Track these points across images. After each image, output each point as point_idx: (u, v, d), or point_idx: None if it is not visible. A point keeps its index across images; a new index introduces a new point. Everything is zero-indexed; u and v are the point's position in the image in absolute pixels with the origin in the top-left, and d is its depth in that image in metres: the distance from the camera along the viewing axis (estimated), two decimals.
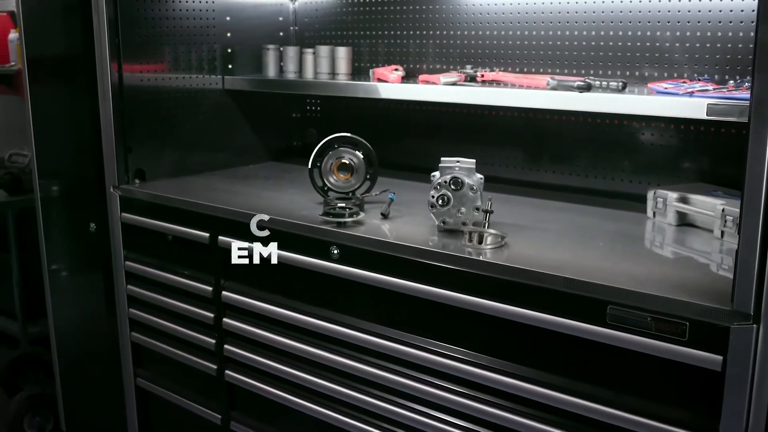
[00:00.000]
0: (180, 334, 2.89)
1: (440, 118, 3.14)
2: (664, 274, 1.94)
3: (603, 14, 2.67)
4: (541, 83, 2.51)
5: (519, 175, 2.98)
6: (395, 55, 3.28)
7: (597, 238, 2.28)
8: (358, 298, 2.36)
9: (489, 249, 2.16)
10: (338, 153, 2.71)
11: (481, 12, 2.97)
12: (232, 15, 3.34)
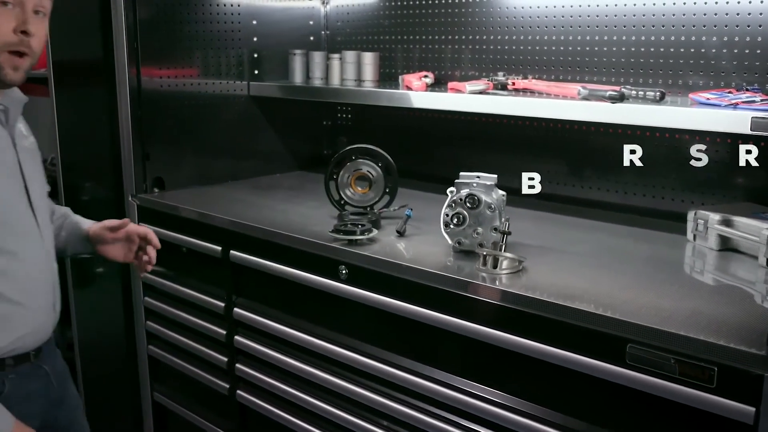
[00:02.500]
0: (194, 350, 2.79)
1: (472, 127, 2.97)
2: (696, 308, 1.73)
3: (644, 18, 2.46)
4: (572, 92, 2.32)
5: (551, 190, 2.77)
6: (429, 60, 3.12)
7: (626, 263, 2.08)
8: (366, 320, 2.21)
9: (504, 274, 1.98)
10: (356, 165, 2.56)
11: (515, 16, 2.79)
12: (259, 19, 3.23)
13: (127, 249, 2.17)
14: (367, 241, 2.28)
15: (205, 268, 2.68)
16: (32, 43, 1.70)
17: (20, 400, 1.84)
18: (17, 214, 1.81)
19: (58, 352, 2.10)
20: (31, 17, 1.68)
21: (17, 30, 1.66)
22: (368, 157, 2.56)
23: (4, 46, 1.66)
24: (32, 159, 1.91)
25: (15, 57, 1.69)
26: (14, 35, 1.66)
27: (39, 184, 1.93)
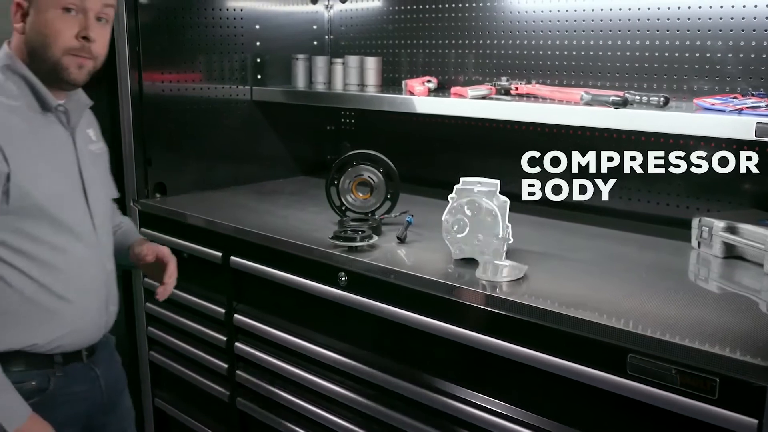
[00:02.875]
0: (195, 357, 2.77)
1: (476, 132, 2.93)
2: (699, 317, 1.70)
3: (648, 22, 2.43)
4: (575, 97, 2.29)
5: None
6: (433, 65, 3.09)
7: (629, 271, 2.05)
8: (366, 328, 2.19)
9: (505, 282, 1.95)
10: (357, 170, 2.54)
11: (519, 20, 2.76)
12: (262, 23, 3.21)
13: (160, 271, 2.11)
14: (367, 247, 2.26)
15: (206, 274, 2.66)
16: (93, 48, 1.76)
17: (65, 401, 1.85)
18: (71, 212, 1.83)
19: (117, 359, 2.11)
20: (93, 24, 1.75)
21: (79, 35, 1.73)
22: (369, 163, 2.54)
23: (67, 50, 1.73)
24: (96, 163, 1.94)
25: (78, 58, 1.75)
26: (76, 40, 1.73)
27: (101, 188, 1.94)
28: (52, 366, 1.83)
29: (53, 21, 1.72)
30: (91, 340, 1.92)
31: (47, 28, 1.72)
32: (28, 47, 1.75)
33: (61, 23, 1.72)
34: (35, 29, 1.73)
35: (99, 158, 1.97)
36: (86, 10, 1.73)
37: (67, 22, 1.72)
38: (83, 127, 1.92)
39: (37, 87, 1.77)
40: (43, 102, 1.78)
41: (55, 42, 1.72)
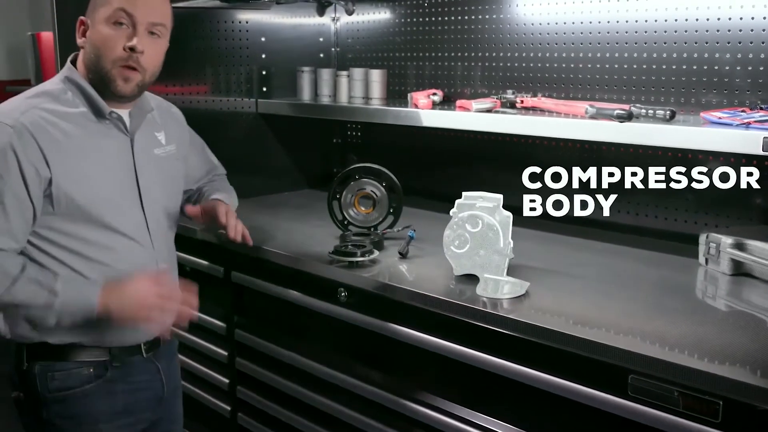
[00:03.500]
0: (196, 371, 2.75)
1: (482, 145, 2.89)
2: (703, 337, 1.66)
3: (656, 34, 2.39)
4: (579, 111, 2.26)
5: None
6: (440, 78, 3.06)
7: (633, 288, 2.00)
8: (365, 344, 2.17)
9: (506, 299, 1.91)
10: (360, 184, 2.51)
11: (525, 33, 2.72)
12: (267, 36, 3.20)
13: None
14: (369, 262, 2.23)
15: (208, 288, 2.62)
16: (141, 60, 1.81)
17: (125, 389, 1.91)
18: (121, 215, 1.87)
19: (177, 361, 2.15)
20: (143, 36, 1.81)
21: (126, 47, 1.79)
22: (372, 177, 2.51)
23: (115, 61, 1.79)
24: (160, 166, 1.98)
25: (126, 69, 1.81)
26: (123, 51, 1.79)
27: (161, 191, 1.97)
28: (110, 357, 1.88)
29: (105, 34, 1.79)
30: (147, 337, 1.94)
31: (99, 40, 1.80)
32: (86, 60, 1.83)
33: (111, 35, 1.79)
34: (91, 43, 1.82)
35: (164, 161, 2.01)
36: (136, 24, 1.80)
37: (117, 34, 1.79)
38: (150, 130, 1.98)
39: (91, 95, 1.83)
40: (97, 110, 1.84)
41: (105, 53, 1.79)
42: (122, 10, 1.79)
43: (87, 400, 1.86)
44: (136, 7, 1.80)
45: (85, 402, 1.86)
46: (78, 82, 1.84)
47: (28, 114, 1.75)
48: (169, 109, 2.15)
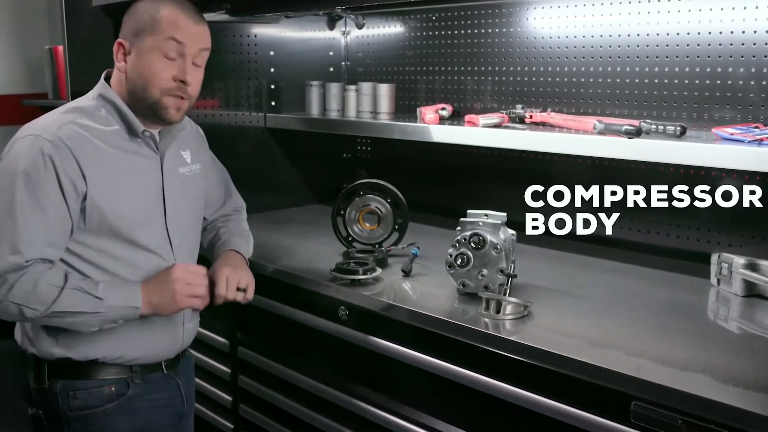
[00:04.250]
0: (200, 388, 2.70)
1: (491, 161, 2.84)
2: (710, 362, 1.60)
3: (668, 48, 2.33)
4: (588, 126, 2.20)
5: None
6: (450, 92, 3.01)
7: (640, 309, 1.94)
8: (368, 364, 2.12)
9: (508, 319, 1.86)
10: (364, 200, 2.48)
11: (535, 46, 2.68)
12: (276, 49, 3.18)
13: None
14: (372, 280, 2.19)
15: (210, 304, 2.60)
16: (189, 90, 1.85)
17: (146, 406, 1.91)
18: (146, 232, 1.88)
19: (194, 381, 2.16)
20: (190, 68, 1.84)
21: (177, 78, 1.82)
22: (377, 193, 2.47)
23: (165, 91, 1.82)
24: (186, 184, 2.00)
25: (178, 99, 1.84)
26: (173, 82, 1.82)
27: (185, 209, 1.98)
28: (131, 374, 1.88)
29: (155, 65, 1.81)
30: (169, 355, 1.97)
31: (149, 70, 1.81)
32: (129, 85, 1.84)
33: (161, 67, 1.81)
34: (137, 70, 1.83)
35: (190, 180, 2.02)
36: (185, 54, 1.83)
37: (167, 66, 1.82)
38: (177, 149, 1.99)
39: (126, 114, 1.85)
40: (131, 128, 1.86)
41: (154, 84, 1.81)
42: (173, 39, 1.81)
43: (109, 419, 1.87)
44: (186, 36, 1.83)
45: (107, 421, 1.87)
46: (113, 101, 1.85)
47: (65, 129, 1.77)
48: (196, 128, 2.17)
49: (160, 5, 1.84)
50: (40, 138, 1.74)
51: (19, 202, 1.72)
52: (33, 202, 1.72)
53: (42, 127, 1.78)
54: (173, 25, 1.82)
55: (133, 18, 1.85)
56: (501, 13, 2.77)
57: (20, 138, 1.78)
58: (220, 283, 1.97)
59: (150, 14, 1.83)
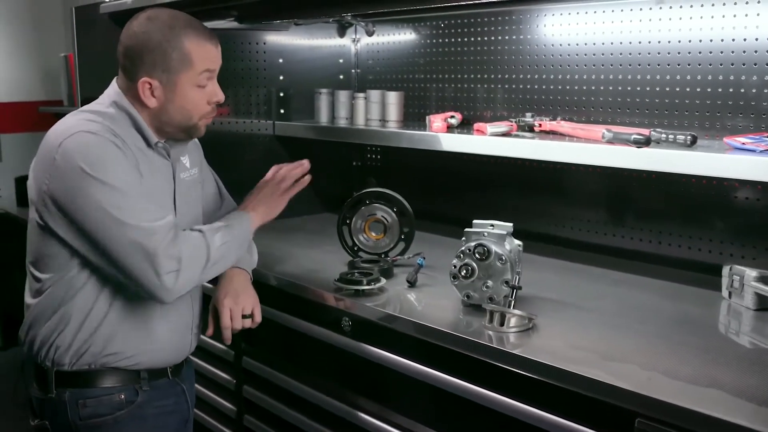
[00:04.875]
0: (205, 397, 2.69)
1: (502, 169, 2.81)
2: (718, 378, 1.55)
3: (679, 56, 2.29)
4: (596, 135, 2.16)
5: (581, 237, 2.60)
6: (461, 100, 2.98)
7: (648, 323, 1.90)
8: (371, 376, 2.08)
9: (512, 332, 1.82)
10: (370, 209, 2.45)
11: (545, 54, 2.64)
12: (285, 57, 3.16)
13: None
14: (377, 291, 2.16)
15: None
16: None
17: (154, 413, 1.91)
18: None
19: (194, 386, 2.15)
20: (219, 87, 1.92)
21: (211, 102, 1.89)
22: (383, 202, 2.44)
23: (203, 116, 1.90)
24: (189, 190, 2.03)
25: (207, 118, 1.92)
26: (209, 106, 1.90)
27: (189, 214, 2.00)
28: (139, 381, 1.88)
29: (194, 98, 1.85)
30: (176, 360, 1.98)
31: (189, 104, 1.85)
32: (163, 117, 1.86)
33: (200, 98, 1.86)
34: (175, 106, 1.85)
35: (190, 185, 2.04)
36: (215, 78, 1.90)
37: (203, 95, 1.87)
38: (179, 155, 2.00)
39: (141, 127, 1.86)
40: (146, 139, 1.87)
41: (195, 114, 1.87)
42: (207, 71, 1.85)
43: (119, 427, 1.86)
44: (214, 61, 1.88)
45: (117, 428, 1.86)
46: (129, 112, 1.85)
47: (94, 125, 1.77)
48: None
49: (182, 37, 1.81)
50: (85, 133, 1.74)
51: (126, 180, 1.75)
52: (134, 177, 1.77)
53: (76, 125, 1.76)
54: (204, 58, 1.84)
55: (155, 55, 1.79)
56: (512, 20, 2.74)
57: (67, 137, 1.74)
58: (224, 316, 1.99)
59: (177, 51, 1.80)
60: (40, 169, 1.77)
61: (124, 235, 1.71)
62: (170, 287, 1.75)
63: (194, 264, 1.80)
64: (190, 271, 1.78)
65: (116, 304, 1.83)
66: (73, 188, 1.72)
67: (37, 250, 1.84)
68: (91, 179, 1.70)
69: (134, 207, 1.73)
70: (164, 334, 1.91)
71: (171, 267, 1.73)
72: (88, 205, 1.71)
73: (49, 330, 1.83)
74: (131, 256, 1.72)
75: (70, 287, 1.81)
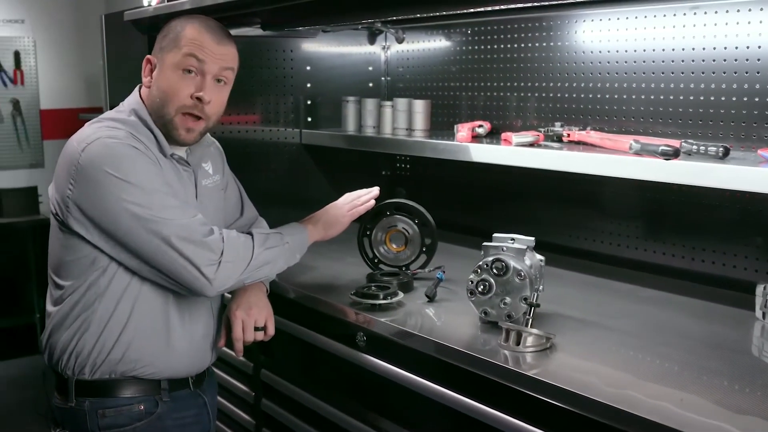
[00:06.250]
0: (224, 408, 2.66)
1: (526, 181, 2.72)
2: (748, 407, 1.46)
3: (714, 63, 2.19)
4: (624, 146, 2.07)
5: (610, 251, 2.51)
6: (492, 109, 2.90)
7: (673, 344, 1.80)
8: (386, 393, 2.02)
9: (529, 352, 1.75)
10: (391, 221, 2.39)
11: (576, 62, 2.56)
12: (313, 64, 3.12)
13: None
14: (395, 305, 2.10)
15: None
16: (206, 109, 1.83)
17: (174, 424, 1.89)
18: None
19: (216, 398, 2.12)
20: (210, 85, 1.83)
21: (193, 95, 1.80)
22: (404, 213, 2.38)
23: (180, 108, 1.81)
24: (210, 196, 2.00)
25: (189, 119, 1.83)
26: (190, 99, 1.81)
27: (214, 221, 1.94)
28: (159, 392, 1.86)
29: (173, 80, 1.80)
30: (198, 369, 1.95)
31: (166, 86, 1.81)
32: (151, 102, 1.84)
33: (179, 82, 1.80)
34: (157, 85, 1.83)
35: (212, 192, 2.02)
36: (205, 72, 1.81)
37: (185, 81, 1.80)
38: (200, 162, 1.98)
39: (157, 136, 1.84)
40: (161, 148, 1.85)
41: (171, 100, 1.80)
42: (192, 56, 1.80)
43: None
44: (205, 53, 1.81)
45: None
46: (145, 120, 1.84)
47: (118, 131, 1.76)
48: (213, 140, 2.16)
49: (187, 23, 1.84)
50: (110, 139, 1.73)
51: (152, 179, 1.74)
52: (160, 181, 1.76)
53: (98, 132, 1.75)
54: (194, 43, 1.81)
55: (162, 34, 1.87)
56: (543, 27, 2.66)
57: (90, 143, 1.73)
58: (236, 328, 1.96)
59: (176, 31, 1.84)
60: (63, 176, 1.76)
61: (158, 232, 1.70)
62: (212, 277, 1.73)
63: (236, 259, 1.79)
64: (231, 266, 1.77)
65: (137, 312, 1.81)
66: (98, 193, 1.71)
67: (59, 257, 1.83)
68: (117, 180, 1.69)
69: (163, 205, 1.73)
70: (184, 344, 1.88)
71: (210, 259, 1.73)
72: (116, 208, 1.70)
73: (69, 337, 1.81)
74: (167, 253, 1.71)
75: (91, 294, 1.79)
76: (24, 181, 5.41)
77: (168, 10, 2.36)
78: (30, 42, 5.52)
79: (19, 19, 5.51)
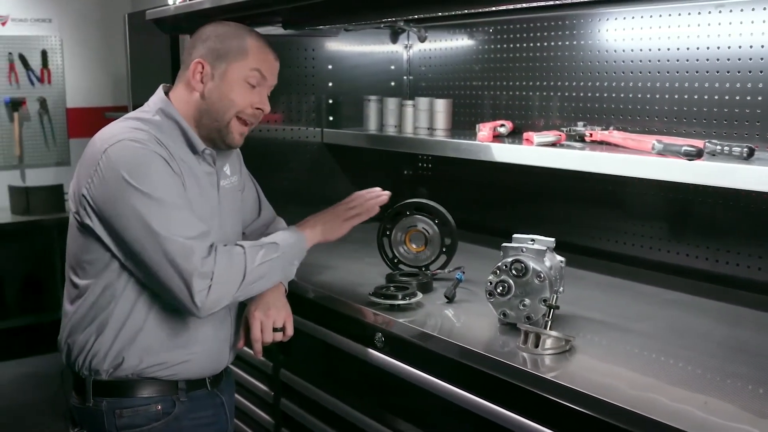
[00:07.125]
0: (243, 407, 2.67)
1: (547, 180, 2.69)
2: (764, 413, 1.42)
3: (740, 62, 2.15)
4: (647, 146, 2.04)
5: (631, 251, 2.48)
6: (515, 108, 2.87)
7: (695, 348, 1.77)
8: (404, 394, 2.01)
9: (548, 355, 1.73)
10: (411, 221, 2.38)
11: (599, 60, 2.53)
12: (335, 63, 3.11)
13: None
14: (414, 305, 2.08)
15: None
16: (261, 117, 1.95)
17: (191, 424, 1.90)
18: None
19: (233, 398, 2.13)
20: (266, 97, 1.92)
21: (255, 106, 1.89)
22: (424, 213, 2.37)
23: (239, 111, 1.88)
24: (230, 197, 2.02)
25: (242, 125, 1.90)
26: (251, 109, 1.89)
27: (230, 223, 2.01)
28: (176, 392, 1.86)
29: (240, 91, 1.86)
30: (214, 371, 1.95)
31: (231, 95, 1.86)
32: (204, 105, 1.87)
33: (244, 93, 1.87)
34: (218, 94, 1.86)
35: (231, 193, 2.03)
36: (264, 86, 1.90)
37: (249, 93, 1.87)
38: (222, 165, 1.99)
39: (188, 133, 1.86)
40: (192, 146, 1.87)
41: (232, 108, 1.86)
42: (258, 71, 1.87)
43: None
44: (269, 70, 1.90)
45: None
46: (175, 119, 1.85)
47: (142, 133, 1.77)
48: None
49: (246, 36, 1.89)
50: (130, 142, 1.73)
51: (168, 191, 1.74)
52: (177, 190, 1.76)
53: (121, 133, 1.76)
54: (261, 58, 1.88)
55: (216, 41, 1.87)
56: (566, 26, 2.63)
57: (112, 144, 1.73)
58: (254, 329, 1.95)
59: (238, 42, 1.87)
60: (84, 173, 1.77)
61: (161, 247, 1.70)
62: (200, 305, 1.71)
63: (228, 281, 1.76)
64: (222, 288, 1.74)
65: (153, 313, 1.81)
66: (113, 196, 1.71)
67: (76, 256, 1.84)
68: (132, 189, 1.69)
69: (174, 219, 1.72)
70: (201, 345, 1.88)
71: (203, 285, 1.71)
72: (127, 214, 1.70)
73: (86, 338, 1.82)
74: (166, 270, 1.70)
75: (108, 294, 1.80)
76: (50, 179, 5.46)
77: (188, 9, 2.36)
78: (57, 41, 5.57)
79: (47, 18, 5.56)
